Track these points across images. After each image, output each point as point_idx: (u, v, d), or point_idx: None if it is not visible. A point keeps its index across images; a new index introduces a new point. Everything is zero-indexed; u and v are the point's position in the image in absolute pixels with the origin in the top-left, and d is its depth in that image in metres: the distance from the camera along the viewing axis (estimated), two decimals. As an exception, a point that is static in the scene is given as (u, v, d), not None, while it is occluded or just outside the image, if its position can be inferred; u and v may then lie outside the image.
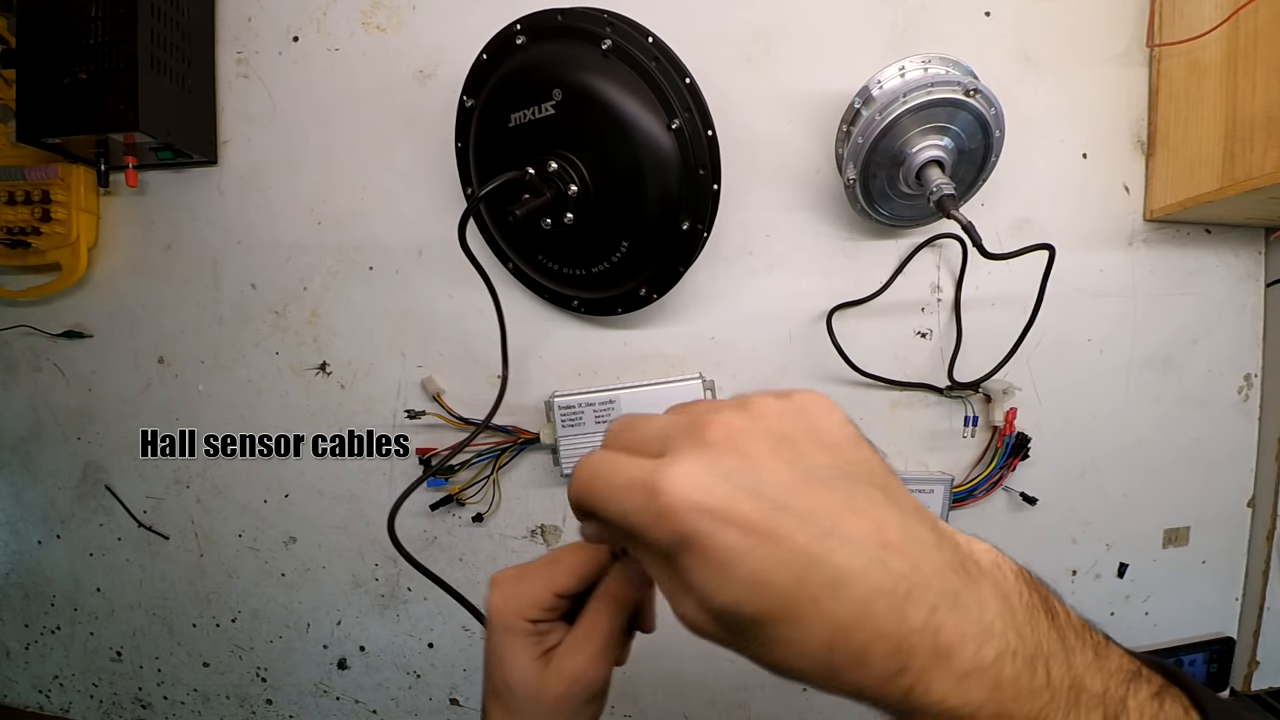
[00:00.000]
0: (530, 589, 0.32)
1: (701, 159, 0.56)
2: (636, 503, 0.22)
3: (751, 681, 0.71)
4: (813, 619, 0.20)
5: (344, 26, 0.67)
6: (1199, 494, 0.69)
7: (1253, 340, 0.68)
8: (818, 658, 0.20)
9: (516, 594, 0.32)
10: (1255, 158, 0.52)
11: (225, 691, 0.76)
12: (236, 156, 0.69)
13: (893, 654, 0.19)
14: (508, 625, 0.32)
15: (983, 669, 0.19)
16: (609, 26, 0.55)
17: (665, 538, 0.21)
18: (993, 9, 0.64)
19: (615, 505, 0.23)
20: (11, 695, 0.79)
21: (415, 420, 0.67)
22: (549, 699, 0.31)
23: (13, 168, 0.67)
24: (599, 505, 0.23)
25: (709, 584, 0.21)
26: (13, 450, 0.75)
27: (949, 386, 0.65)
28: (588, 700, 0.32)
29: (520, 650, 0.32)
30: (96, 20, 0.58)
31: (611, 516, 0.23)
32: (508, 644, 0.32)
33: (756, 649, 0.22)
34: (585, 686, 0.31)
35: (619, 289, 0.62)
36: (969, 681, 0.19)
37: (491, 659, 0.33)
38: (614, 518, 0.23)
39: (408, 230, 0.68)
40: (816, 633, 0.20)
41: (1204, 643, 0.71)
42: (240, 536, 0.73)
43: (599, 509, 0.24)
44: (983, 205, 0.64)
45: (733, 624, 0.21)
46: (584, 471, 0.24)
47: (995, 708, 0.19)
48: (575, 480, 0.25)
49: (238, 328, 0.70)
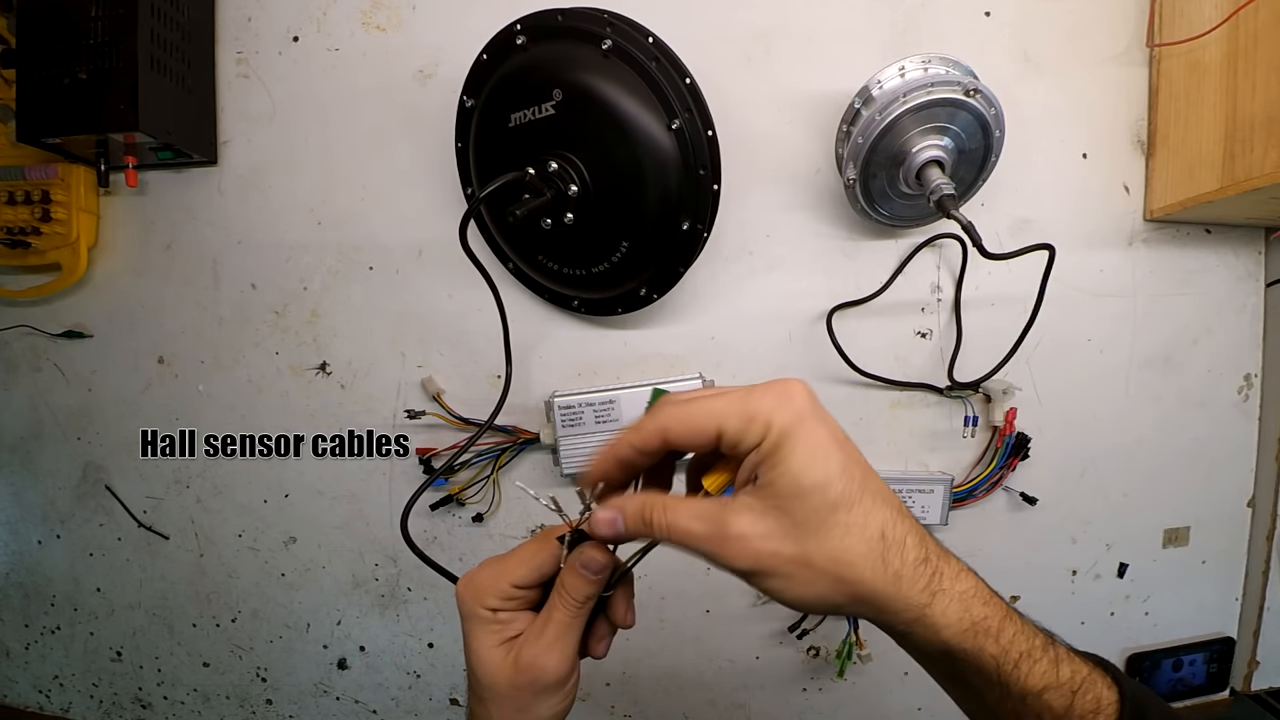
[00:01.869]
0: (487, 578, 0.34)
1: (701, 159, 0.56)
2: (734, 413, 0.28)
3: (751, 682, 0.71)
4: (869, 500, 0.28)
5: (344, 26, 0.67)
6: (1199, 494, 0.69)
7: (1253, 340, 0.68)
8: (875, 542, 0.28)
9: (475, 582, 0.34)
10: (1255, 158, 0.52)
11: (225, 691, 0.76)
12: (236, 156, 0.69)
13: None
14: (468, 612, 0.34)
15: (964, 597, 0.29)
16: (609, 26, 0.55)
17: (763, 431, 0.28)
18: (993, 9, 0.64)
19: (715, 420, 0.29)
20: (11, 695, 0.79)
21: (415, 420, 0.67)
22: (505, 686, 0.32)
23: (13, 168, 0.67)
24: (696, 423, 0.29)
25: (801, 463, 0.27)
26: (13, 450, 0.75)
27: (949, 386, 0.65)
28: (544, 690, 0.33)
29: (481, 637, 0.33)
30: (96, 20, 0.58)
31: (707, 431, 0.29)
32: (470, 631, 0.34)
33: (818, 528, 0.28)
34: (538, 676, 0.32)
35: (619, 289, 0.62)
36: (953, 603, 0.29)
37: (465, 650, 0.34)
38: (708, 433, 0.29)
39: (408, 230, 0.68)
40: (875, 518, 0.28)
41: (1204, 643, 0.71)
42: (240, 536, 0.73)
43: (695, 428, 0.29)
44: (983, 205, 0.64)
45: (800, 512, 0.28)
46: (672, 401, 0.30)
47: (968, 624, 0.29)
48: (665, 409, 0.30)
49: (238, 328, 0.70)
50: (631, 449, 0.31)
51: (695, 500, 0.30)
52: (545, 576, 0.34)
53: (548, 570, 0.34)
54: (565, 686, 0.34)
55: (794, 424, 0.28)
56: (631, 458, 0.31)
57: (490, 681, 0.33)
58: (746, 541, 0.28)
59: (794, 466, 0.27)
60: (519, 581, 0.33)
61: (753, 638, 0.70)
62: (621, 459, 0.31)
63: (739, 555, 0.28)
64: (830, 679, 0.70)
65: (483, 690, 0.33)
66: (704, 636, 0.70)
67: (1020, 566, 0.69)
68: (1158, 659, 0.70)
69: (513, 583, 0.33)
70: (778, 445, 0.28)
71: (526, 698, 0.32)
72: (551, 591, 0.33)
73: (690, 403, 0.30)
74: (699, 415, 0.29)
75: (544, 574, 0.34)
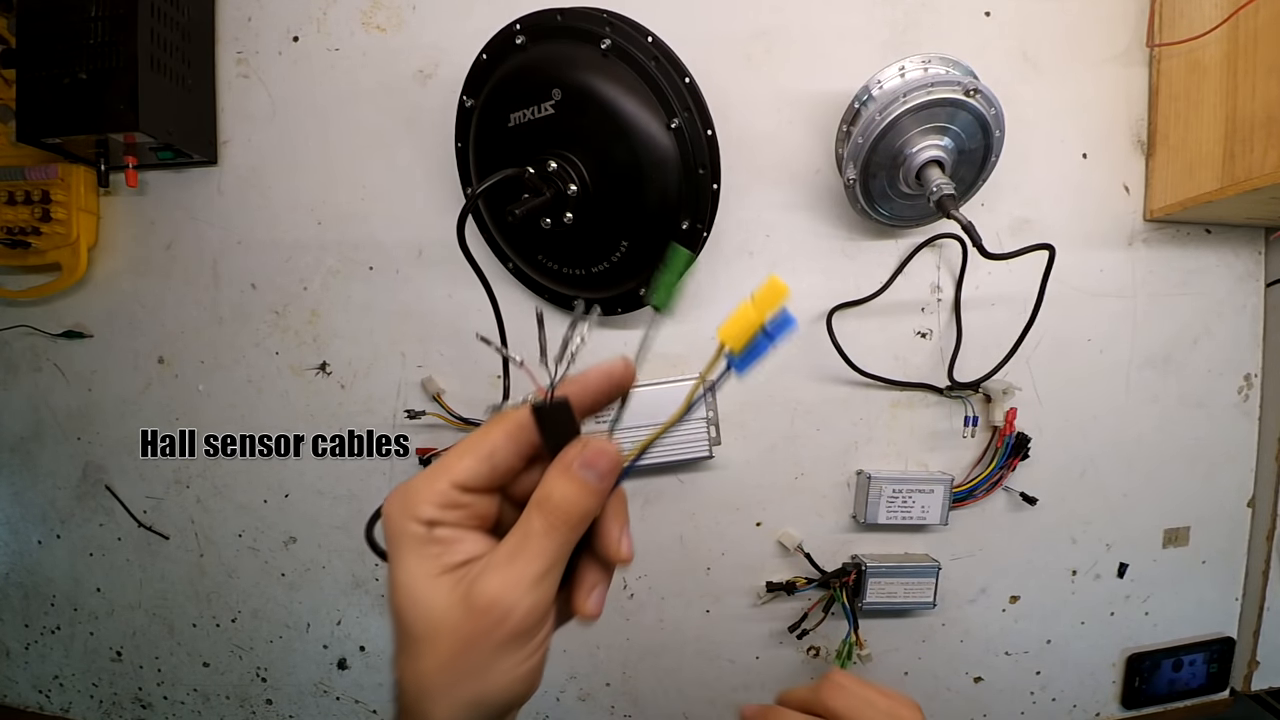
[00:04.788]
0: (421, 481, 0.24)
1: (701, 158, 0.56)
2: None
3: (752, 682, 0.71)
4: None
5: (344, 26, 0.67)
6: (1199, 494, 0.69)
7: (1253, 340, 0.68)
8: None
9: (404, 490, 0.24)
10: (1255, 158, 0.52)
11: (225, 691, 0.76)
12: (236, 156, 0.69)
13: None
14: (395, 530, 0.23)
15: None
16: (608, 26, 0.55)
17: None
18: (993, 9, 0.64)
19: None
20: (11, 695, 0.79)
21: (415, 420, 0.67)
22: (450, 632, 0.22)
23: (13, 168, 0.67)
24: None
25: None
26: (13, 450, 0.75)
27: (949, 386, 0.65)
28: (509, 639, 0.23)
29: (413, 563, 0.23)
30: (96, 20, 0.58)
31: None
32: (398, 556, 0.23)
33: None
34: (502, 617, 0.22)
35: (619, 289, 0.62)
36: None
37: (388, 586, 0.24)
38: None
39: (408, 230, 0.68)
40: None
41: (1204, 643, 0.71)
42: (240, 536, 0.73)
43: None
44: (983, 205, 0.64)
45: None
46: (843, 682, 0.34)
47: None
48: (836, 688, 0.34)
49: (238, 328, 0.70)
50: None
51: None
52: (501, 473, 0.24)
53: (504, 461, 0.24)
54: (535, 638, 0.23)
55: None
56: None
57: (428, 626, 0.22)
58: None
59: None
60: (465, 479, 0.23)
61: (753, 638, 0.70)
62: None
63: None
64: (830, 679, 0.70)
65: (415, 641, 0.23)
66: (704, 636, 0.70)
67: (1020, 566, 0.69)
68: (1158, 659, 0.70)
69: (455, 481, 0.23)
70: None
71: (481, 651, 0.22)
72: (528, 505, 0.24)
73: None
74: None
75: (499, 468, 0.24)
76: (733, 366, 0.25)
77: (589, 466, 0.23)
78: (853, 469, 0.66)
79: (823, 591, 0.67)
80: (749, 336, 0.24)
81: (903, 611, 0.68)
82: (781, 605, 0.69)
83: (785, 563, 0.69)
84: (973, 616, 0.69)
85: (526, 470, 0.26)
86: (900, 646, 0.70)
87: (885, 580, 0.65)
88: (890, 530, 0.67)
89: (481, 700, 0.23)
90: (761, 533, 0.68)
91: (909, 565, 0.65)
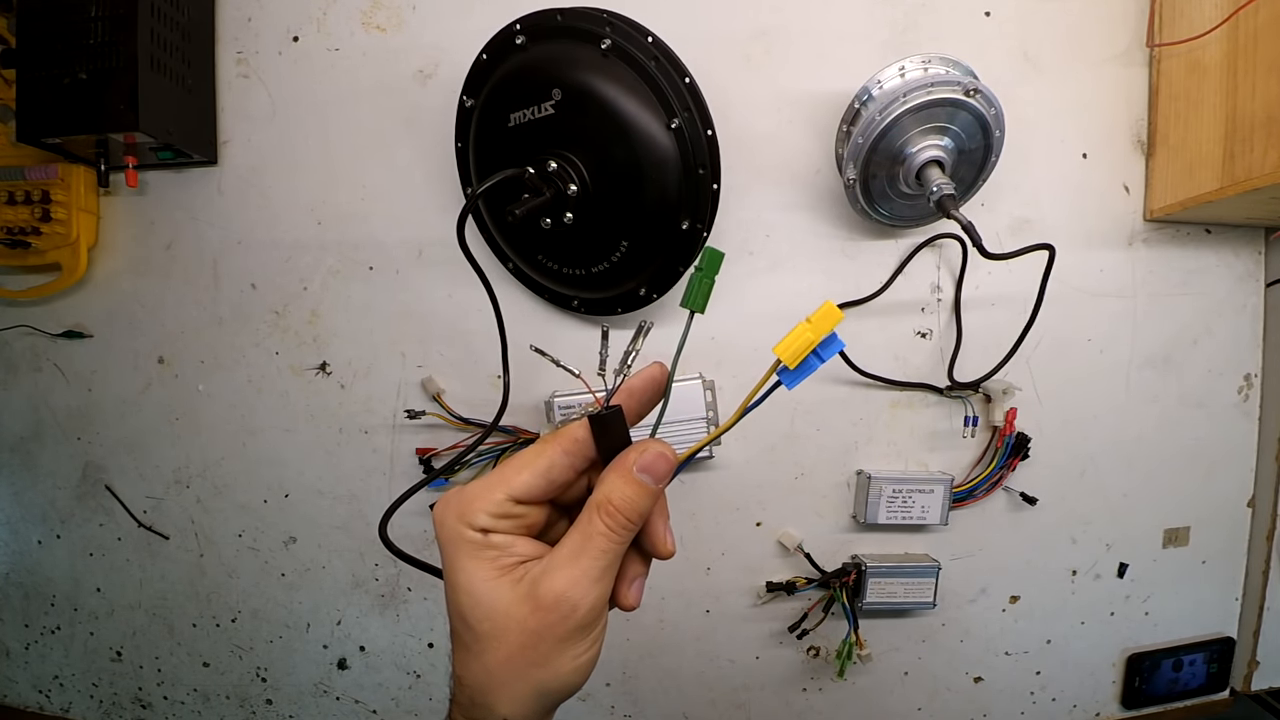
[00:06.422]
0: (477, 490, 0.26)
1: (701, 158, 0.56)
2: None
3: (752, 681, 0.71)
4: None
5: (344, 26, 0.67)
6: (1199, 494, 0.69)
7: (1253, 340, 0.68)
8: None
9: (461, 499, 0.26)
10: (1255, 158, 0.52)
11: (225, 691, 0.76)
12: (236, 156, 0.69)
13: None
14: (451, 536, 0.25)
15: None
16: (608, 26, 0.55)
17: None
18: (993, 9, 0.64)
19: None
20: (11, 695, 0.79)
21: (415, 420, 0.67)
22: (518, 628, 0.24)
23: (13, 168, 0.67)
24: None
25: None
26: (13, 450, 0.75)
27: (949, 386, 0.65)
28: (575, 631, 0.24)
29: (473, 567, 0.25)
30: (96, 20, 0.58)
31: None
32: (455, 561, 0.25)
33: None
34: (569, 612, 0.24)
35: (619, 289, 0.62)
36: None
37: (446, 589, 0.26)
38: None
39: (408, 230, 0.68)
40: None
41: (1204, 643, 0.71)
42: (240, 536, 0.73)
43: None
44: (983, 205, 0.64)
45: None
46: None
47: None
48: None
49: (238, 328, 0.70)
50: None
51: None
52: (556, 487, 0.26)
53: (560, 476, 0.26)
54: (595, 629, 0.26)
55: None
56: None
57: (495, 624, 0.24)
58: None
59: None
60: (521, 493, 0.25)
61: (753, 638, 0.70)
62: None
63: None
64: (830, 679, 0.70)
65: (481, 638, 0.25)
66: (704, 636, 0.70)
67: (1020, 566, 0.69)
68: (1158, 659, 0.70)
69: (512, 494, 0.25)
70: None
71: (548, 643, 0.24)
72: (586, 507, 0.25)
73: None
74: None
75: (555, 482, 0.26)
76: (784, 381, 0.27)
77: (647, 470, 0.25)
78: (853, 469, 0.66)
79: (823, 591, 0.68)
80: (803, 355, 0.26)
81: (903, 611, 0.68)
82: (781, 605, 0.69)
83: (785, 563, 0.69)
84: (973, 616, 0.69)
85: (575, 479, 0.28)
86: (900, 646, 0.70)
87: (885, 580, 0.65)
88: (890, 530, 0.67)
89: (546, 689, 0.25)
90: (761, 533, 0.68)
91: (909, 565, 0.65)
